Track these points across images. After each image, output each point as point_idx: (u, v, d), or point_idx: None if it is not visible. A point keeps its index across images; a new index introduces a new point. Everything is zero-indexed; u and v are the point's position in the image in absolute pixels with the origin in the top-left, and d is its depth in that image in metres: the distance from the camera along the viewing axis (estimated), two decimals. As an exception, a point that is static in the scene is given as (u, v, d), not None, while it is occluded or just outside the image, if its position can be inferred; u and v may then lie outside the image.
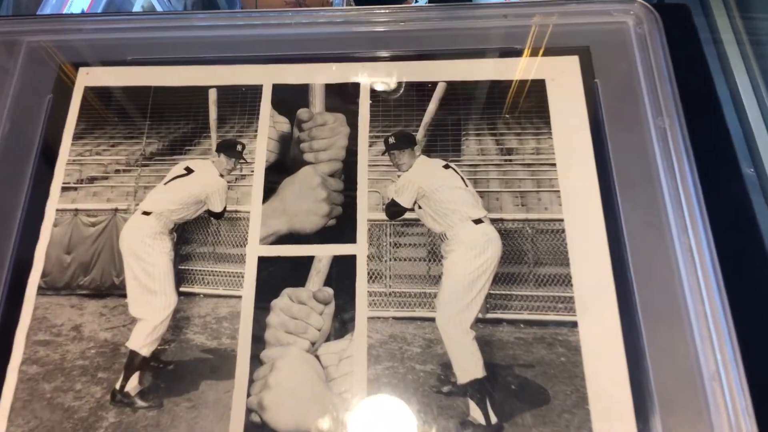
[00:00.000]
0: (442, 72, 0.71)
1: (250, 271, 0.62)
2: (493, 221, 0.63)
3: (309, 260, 0.62)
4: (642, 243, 0.60)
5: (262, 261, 0.62)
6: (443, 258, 0.62)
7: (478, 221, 0.63)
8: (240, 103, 0.70)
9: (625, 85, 0.68)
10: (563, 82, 0.69)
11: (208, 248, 0.64)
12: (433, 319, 0.59)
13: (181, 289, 0.63)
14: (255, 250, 0.63)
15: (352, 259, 0.61)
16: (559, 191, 0.63)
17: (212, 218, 0.65)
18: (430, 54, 0.72)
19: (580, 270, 0.59)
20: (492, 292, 0.60)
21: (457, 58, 0.71)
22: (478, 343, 0.57)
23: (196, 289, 0.62)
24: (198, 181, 0.67)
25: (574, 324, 0.57)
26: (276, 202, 0.65)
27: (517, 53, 0.71)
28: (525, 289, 0.59)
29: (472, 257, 0.61)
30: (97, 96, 0.73)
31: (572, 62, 0.70)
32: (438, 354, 0.57)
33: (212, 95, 0.71)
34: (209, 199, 0.66)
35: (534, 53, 0.71)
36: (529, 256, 0.61)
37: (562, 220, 0.62)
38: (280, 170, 0.67)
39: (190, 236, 0.65)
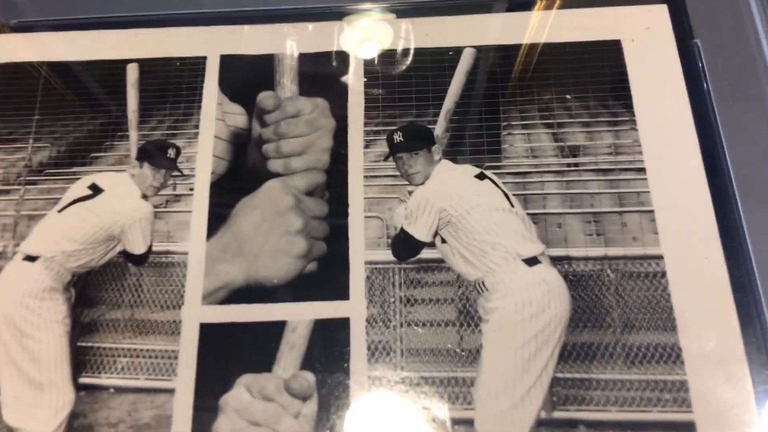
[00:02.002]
0: (469, 32, 0.63)
1: (187, 348, 0.53)
2: (555, 260, 0.54)
3: (279, 328, 0.53)
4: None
5: (207, 330, 0.54)
6: (482, 321, 0.53)
7: (532, 261, 0.53)
8: (173, 84, 0.63)
9: (738, 47, 0.61)
10: (648, 44, 0.61)
11: (124, 312, 0.56)
12: (471, 422, 0.50)
13: (82, 380, 0.54)
14: (195, 313, 0.54)
15: (343, 324, 0.53)
16: (652, 211, 0.54)
17: (130, 264, 0.58)
18: (450, 5, 0.65)
19: (695, 336, 0.50)
20: (560, 375, 0.51)
21: (489, 11, 0.64)
22: (543, 460, 0.49)
23: (104, 380, 0.54)
24: (109, 205, 0.58)
25: (691, 426, 0.48)
26: (227, 238, 0.57)
27: (579, 3, 0.63)
28: (611, 370, 0.50)
29: (526, 319, 0.51)
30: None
31: (659, 15, 0.62)
32: (480, 479, 0.50)
33: (132, 73, 0.63)
34: (126, 235, 0.57)
35: (604, 2, 0.64)
36: (613, 315, 0.52)
37: (660, 257, 0.53)
38: (232, 187, 0.59)
39: (96, 294, 0.57)
